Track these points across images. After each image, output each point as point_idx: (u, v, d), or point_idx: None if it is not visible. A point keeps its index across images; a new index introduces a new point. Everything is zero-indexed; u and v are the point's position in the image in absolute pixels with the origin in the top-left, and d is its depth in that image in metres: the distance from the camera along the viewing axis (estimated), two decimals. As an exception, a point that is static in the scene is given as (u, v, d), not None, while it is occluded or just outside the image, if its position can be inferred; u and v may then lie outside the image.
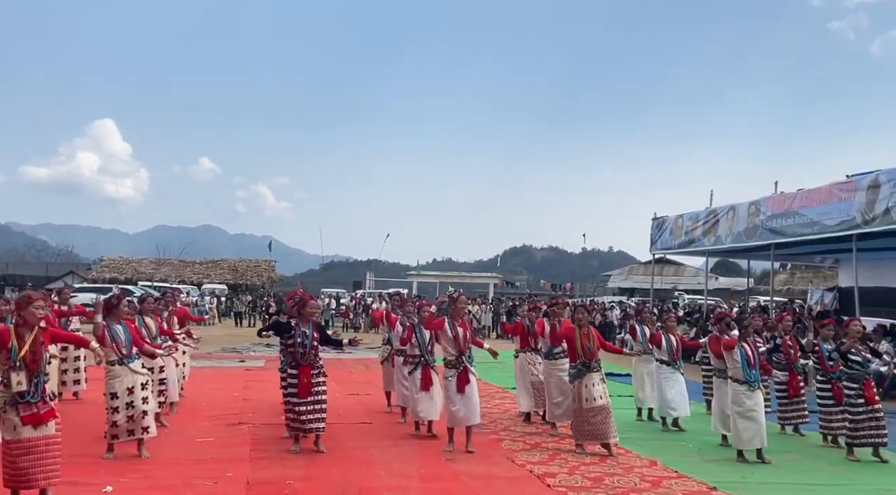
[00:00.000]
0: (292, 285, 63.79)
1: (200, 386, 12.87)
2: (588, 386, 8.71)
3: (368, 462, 7.86)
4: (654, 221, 25.18)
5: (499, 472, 7.59)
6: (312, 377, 8.15)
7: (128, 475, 6.94)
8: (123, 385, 7.56)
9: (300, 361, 8.16)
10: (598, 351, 8.89)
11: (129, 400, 7.53)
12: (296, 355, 8.18)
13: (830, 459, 8.93)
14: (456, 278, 58.16)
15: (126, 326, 7.90)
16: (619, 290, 53.45)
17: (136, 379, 7.63)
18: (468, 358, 8.61)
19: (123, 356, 7.64)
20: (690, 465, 8.21)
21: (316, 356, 8.27)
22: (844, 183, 16.89)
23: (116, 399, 7.52)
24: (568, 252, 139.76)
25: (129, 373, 7.63)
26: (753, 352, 8.67)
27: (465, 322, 8.81)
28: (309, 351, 8.17)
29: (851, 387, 8.92)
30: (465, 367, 8.52)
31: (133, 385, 7.58)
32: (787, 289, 43.61)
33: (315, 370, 8.21)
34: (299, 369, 8.15)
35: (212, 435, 9.02)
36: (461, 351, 8.54)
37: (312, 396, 8.12)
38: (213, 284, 44.80)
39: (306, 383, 8.09)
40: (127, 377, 7.60)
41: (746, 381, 8.55)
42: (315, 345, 8.25)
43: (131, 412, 7.52)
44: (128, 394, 7.54)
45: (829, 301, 24.68)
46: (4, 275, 52.08)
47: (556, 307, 10.30)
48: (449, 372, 8.57)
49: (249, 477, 7.08)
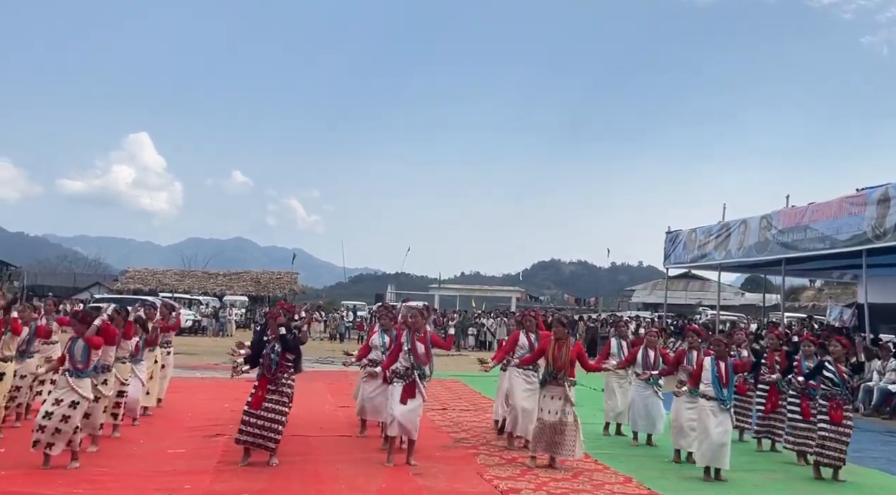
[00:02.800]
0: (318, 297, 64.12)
1: (191, 397, 12.85)
2: (545, 397, 8.62)
3: (333, 476, 7.75)
4: (668, 235, 24.94)
5: (462, 488, 7.46)
6: (268, 392, 8.03)
7: (81, 486, 6.88)
8: (53, 395, 7.68)
9: (262, 373, 8.09)
10: (569, 365, 8.68)
11: (50, 411, 7.52)
12: (262, 367, 8.12)
13: (809, 477, 8.71)
14: (478, 291, 58.01)
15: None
16: (644, 305, 52.99)
17: (70, 397, 7.59)
18: (420, 372, 8.50)
19: (74, 370, 7.70)
20: (667, 483, 8.08)
21: (278, 373, 8.10)
22: (855, 196, 16.61)
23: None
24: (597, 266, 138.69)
25: (68, 388, 7.61)
26: (727, 370, 8.46)
27: (426, 336, 8.68)
28: (271, 365, 8.07)
29: (822, 405, 8.74)
30: (414, 380, 8.42)
31: (62, 399, 7.59)
32: (813, 306, 42.95)
33: (273, 386, 8.07)
34: (259, 381, 8.08)
35: (184, 447, 8.96)
36: (421, 362, 8.48)
37: (262, 411, 7.99)
38: (236, 296, 45.05)
39: (260, 396, 8.00)
40: (64, 390, 7.61)
41: (718, 399, 8.35)
42: (280, 363, 8.08)
43: (46, 422, 7.50)
44: (52, 405, 7.56)
45: (848, 317, 24.21)
46: (33, 286, 52.87)
47: (526, 319, 10.14)
48: (396, 381, 8.49)
49: (207, 489, 7.02)
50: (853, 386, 9.04)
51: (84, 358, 7.69)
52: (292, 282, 51.29)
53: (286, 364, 8.14)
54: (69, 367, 7.67)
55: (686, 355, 9.52)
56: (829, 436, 8.53)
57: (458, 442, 9.86)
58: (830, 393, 8.66)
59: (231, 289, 48.34)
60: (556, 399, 8.53)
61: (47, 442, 7.42)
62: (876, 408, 14.67)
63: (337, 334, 35.18)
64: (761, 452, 10.30)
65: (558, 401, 8.53)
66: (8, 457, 7.89)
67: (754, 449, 10.41)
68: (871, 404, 14.79)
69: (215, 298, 43.48)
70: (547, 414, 8.51)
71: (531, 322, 9.90)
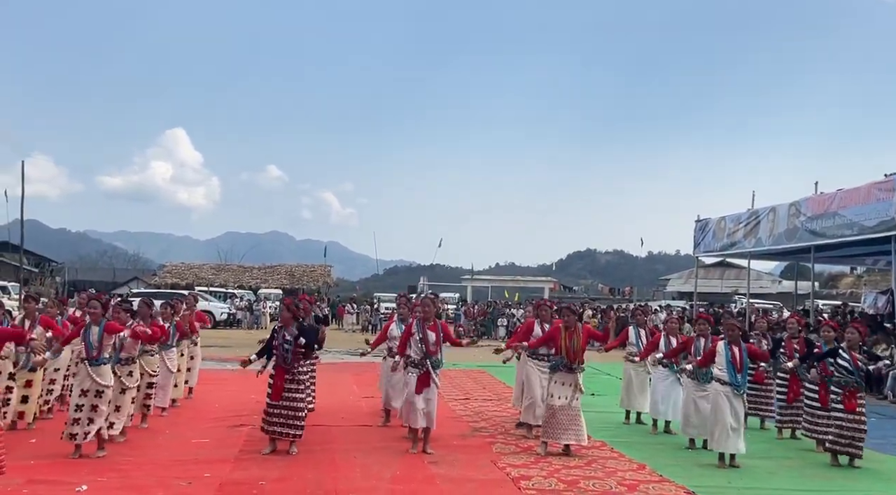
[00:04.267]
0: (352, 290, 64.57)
1: (220, 389, 13.15)
2: (556, 384, 8.73)
3: (349, 464, 7.94)
4: (698, 223, 24.80)
5: (475, 475, 7.60)
6: (286, 381, 8.25)
7: (106, 474, 7.14)
8: (78, 387, 7.90)
9: (278, 363, 8.29)
10: (581, 353, 8.79)
11: (80, 403, 7.79)
12: (277, 357, 8.32)
13: (827, 465, 8.70)
14: (511, 282, 57.97)
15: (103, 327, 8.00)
16: (679, 294, 52.60)
17: (93, 387, 7.84)
18: (434, 361, 8.66)
19: (90, 358, 7.92)
20: (679, 470, 8.13)
21: (294, 361, 8.32)
22: (883, 182, 16.38)
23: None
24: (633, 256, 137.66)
25: (88, 378, 7.86)
26: (741, 355, 8.49)
27: (437, 325, 8.83)
28: (286, 354, 8.27)
29: (836, 392, 8.73)
30: (428, 370, 8.58)
31: (87, 389, 7.84)
32: (850, 293, 42.36)
33: (290, 375, 8.29)
34: (276, 370, 8.29)
35: (208, 437, 9.22)
36: (427, 353, 8.63)
37: (283, 401, 8.22)
38: (270, 289, 45.58)
39: (279, 386, 8.21)
40: (86, 380, 7.86)
41: (732, 384, 8.39)
42: (296, 351, 8.31)
43: (78, 415, 7.79)
44: (79, 396, 7.84)
45: (883, 304, 23.85)
46: (74, 281, 53.93)
47: (541, 309, 10.23)
48: (411, 371, 8.68)
49: (224, 477, 7.23)
50: (867, 374, 8.96)
51: (98, 345, 7.90)
52: (326, 274, 51.74)
53: (299, 352, 8.35)
54: (85, 356, 7.92)
55: (694, 343, 9.55)
56: (844, 425, 8.52)
57: (477, 432, 9.99)
58: (844, 381, 8.64)
59: (266, 282, 48.91)
60: (567, 385, 8.65)
61: (83, 432, 7.72)
62: (905, 396, 14.52)
63: (370, 326, 35.43)
64: (781, 440, 10.29)
65: (569, 388, 8.65)
66: (39, 447, 8.22)
67: (775, 437, 10.40)
68: (900, 391, 14.63)
69: (250, 292, 44.05)
70: (557, 400, 8.62)
71: (547, 311, 10.00)
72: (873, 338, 17.17)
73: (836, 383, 8.72)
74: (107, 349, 7.98)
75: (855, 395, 8.59)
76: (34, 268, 52.10)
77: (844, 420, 8.54)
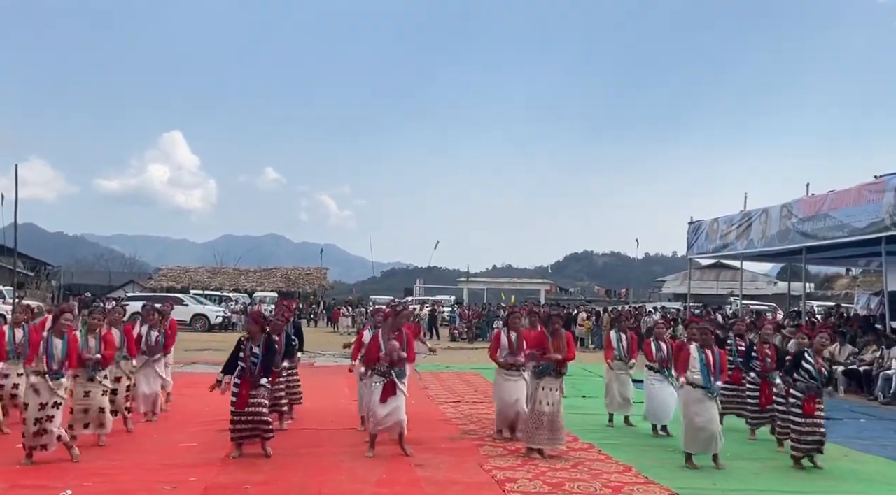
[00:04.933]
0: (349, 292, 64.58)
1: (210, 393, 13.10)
2: (543, 389, 8.72)
3: (335, 467, 7.96)
4: (691, 225, 24.87)
5: (460, 478, 7.62)
6: (251, 394, 8.31)
7: (91, 479, 7.17)
8: (37, 400, 7.69)
9: (243, 374, 8.35)
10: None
11: (39, 416, 7.64)
12: (242, 369, 8.37)
13: (809, 467, 8.71)
14: (507, 284, 58.05)
15: (67, 341, 7.96)
16: (674, 296, 52.72)
17: (51, 398, 7.72)
18: (398, 371, 8.66)
19: (50, 371, 7.77)
20: (664, 471, 8.15)
21: (259, 375, 8.38)
22: (873, 184, 16.47)
23: (26, 410, 7.74)
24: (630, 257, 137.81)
25: (48, 391, 7.71)
26: (714, 358, 8.53)
27: (403, 335, 8.85)
28: (250, 367, 8.33)
29: (796, 397, 8.65)
30: (392, 379, 8.59)
31: (46, 402, 7.68)
32: (845, 294, 42.40)
33: (255, 389, 8.35)
34: (241, 381, 8.34)
35: (196, 440, 9.24)
36: (391, 362, 8.63)
37: (249, 407, 8.27)
38: (266, 292, 45.62)
39: (244, 396, 8.28)
40: (45, 393, 7.71)
41: (705, 388, 8.42)
42: (262, 365, 8.38)
43: (38, 427, 7.64)
44: (38, 410, 7.66)
45: (875, 305, 23.96)
46: (70, 285, 53.94)
47: (512, 316, 10.22)
48: (376, 380, 8.67)
49: (210, 481, 7.25)
50: (828, 378, 8.90)
51: (61, 359, 7.86)
52: (322, 277, 51.85)
53: (265, 365, 8.46)
54: (46, 368, 7.78)
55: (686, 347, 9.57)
56: (803, 430, 8.50)
57: (465, 434, 10.01)
58: (806, 386, 8.59)
59: (261, 285, 49.00)
60: (553, 391, 8.69)
61: (40, 444, 7.68)
62: (895, 396, 14.56)
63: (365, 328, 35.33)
64: (755, 441, 10.24)
65: (556, 393, 8.69)
66: (24, 452, 8.21)
67: (747, 439, 10.34)
68: (891, 392, 14.68)
69: (246, 295, 44.08)
70: (547, 406, 8.64)
71: (515, 322, 9.96)
72: (864, 340, 17.24)
73: (798, 388, 8.68)
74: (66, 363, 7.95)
75: (814, 400, 8.54)
76: (30, 272, 52.05)
77: (803, 425, 8.50)
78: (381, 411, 8.51)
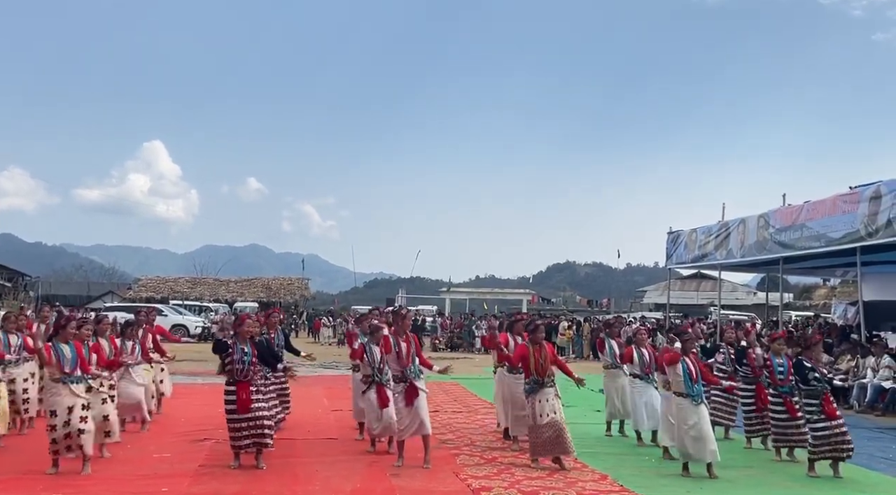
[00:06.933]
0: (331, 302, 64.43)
1: (189, 402, 13.08)
2: (541, 402, 8.72)
3: (310, 477, 7.92)
4: (670, 235, 24.98)
5: (436, 487, 7.61)
6: (251, 393, 8.25)
7: (62, 490, 7.10)
8: (63, 404, 7.73)
9: (237, 378, 8.27)
10: (549, 366, 8.86)
11: (67, 419, 7.69)
12: (234, 372, 8.30)
13: (788, 474, 8.78)
14: (489, 295, 58.11)
15: (74, 346, 8.05)
16: (655, 306, 52.93)
17: (75, 401, 7.79)
18: (412, 371, 8.68)
19: (66, 375, 7.83)
20: (641, 480, 8.16)
21: (255, 373, 8.37)
22: (848, 194, 16.57)
23: (55, 416, 7.71)
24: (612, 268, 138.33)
25: (70, 394, 7.79)
26: (696, 366, 8.58)
27: (409, 337, 8.86)
28: (247, 368, 8.28)
29: (811, 404, 8.73)
30: (411, 382, 8.59)
31: (73, 405, 7.75)
32: (824, 304, 42.69)
33: (254, 387, 8.31)
34: (237, 385, 8.26)
35: (170, 451, 9.16)
36: (404, 365, 8.63)
37: (252, 412, 8.21)
38: (246, 302, 45.36)
39: (245, 399, 8.20)
40: (67, 397, 7.77)
41: (689, 395, 8.46)
42: (254, 362, 8.35)
43: (68, 430, 7.68)
44: (67, 413, 7.70)
45: (852, 315, 24.12)
46: (47, 295, 53.40)
47: (517, 323, 10.28)
48: (397, 388, 8.68)
49: (182, 492, 7.20)
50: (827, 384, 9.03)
51: (73, 363, 7.96)
52: (303, 287, 51.66)
53: (257, 365, 8.45)
54: (59, 376, 7.90)
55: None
56: (831, 433, 8.56)
57: (443, 443, 9.98)
58: (816, 391, 8.69)
59: (242, 295, 48.74)
60: (552, 399, 8.74)
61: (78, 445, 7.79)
62: (870, 405, 14.67)
63: (345, 339, 35.26)
64: (750, 449, 10.29)
65: (556, 400, 8.77)
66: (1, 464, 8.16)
67: (743, 447, 10.41)
68: (866, 401, 14.79)
69: (226, 305, 43.82)
70: (548, 416, 8.64)
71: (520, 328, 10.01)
72: (840, 349, 17.37)
73: (808, 394, 8.72)
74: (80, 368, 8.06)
75: (829, 401, 8.66)
76: (7, 282, 51.52)
77: (831, 427, 8.58)
78: (406, 417, 8.53)
